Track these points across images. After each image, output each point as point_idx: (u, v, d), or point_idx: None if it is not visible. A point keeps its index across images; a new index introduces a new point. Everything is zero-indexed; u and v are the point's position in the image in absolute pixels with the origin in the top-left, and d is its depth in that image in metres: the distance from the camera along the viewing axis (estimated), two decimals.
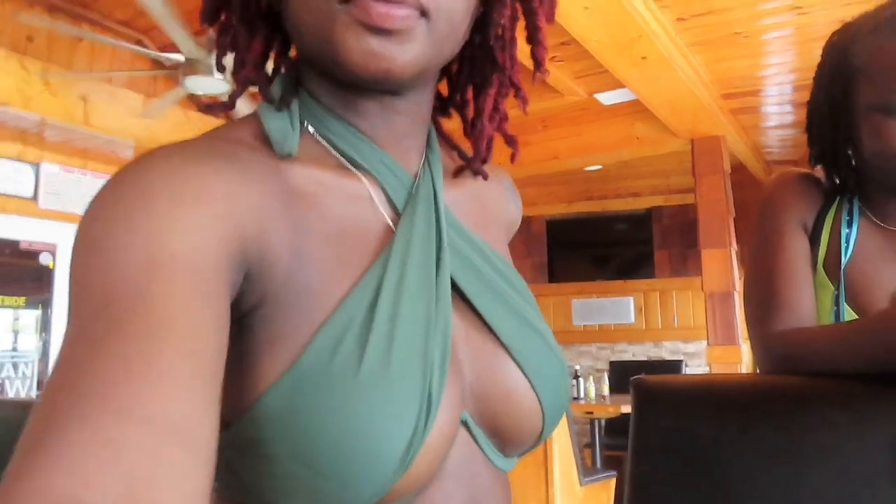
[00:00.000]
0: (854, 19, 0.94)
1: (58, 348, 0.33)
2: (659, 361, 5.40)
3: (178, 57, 2.85)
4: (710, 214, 3.93)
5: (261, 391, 0.40)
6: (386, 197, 0.48)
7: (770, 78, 3.55)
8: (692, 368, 5.27)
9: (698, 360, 5.28)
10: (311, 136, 0.49)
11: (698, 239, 3.96)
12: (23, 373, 3.50)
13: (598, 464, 4.23)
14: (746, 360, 3.74)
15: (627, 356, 5.61)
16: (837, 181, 0.98)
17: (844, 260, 0.92)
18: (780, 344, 0.85)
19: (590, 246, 6.06)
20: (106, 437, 0.28)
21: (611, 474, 3.29)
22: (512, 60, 0.54)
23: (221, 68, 0.52)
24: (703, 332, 4.01)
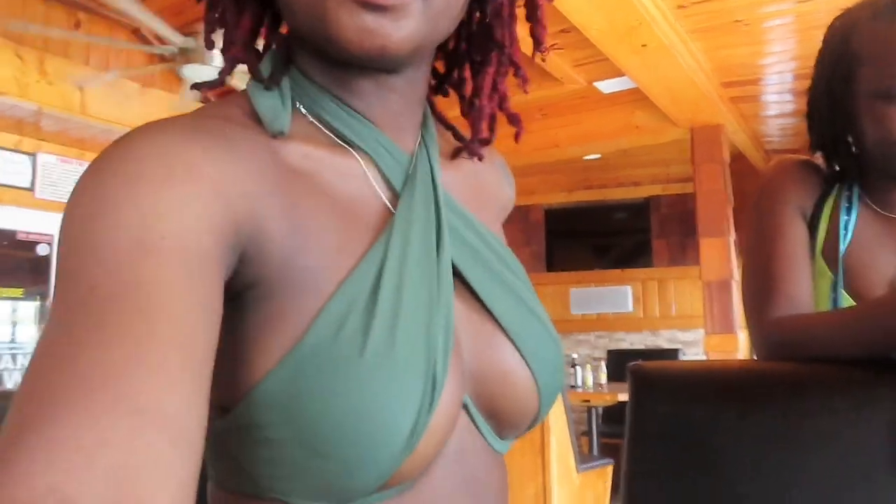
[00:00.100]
0: (854, 6, 0.93)
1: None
2: (657, 350, 5.41)
3: (172, 48, 2.83)
4: (709, 204, 3.93)
5: (260, 375, 0.39)
6: (381, 175, 0.47)
7: (770, 66, 3.54)
8: (690, 357, 5.27)
9: (696, 349, 5.29)
10: (303, 115, 0.47)
11: (697, 228, 3.96)
12: (21, 364, 3.49)
13: (595, 452, 4.24)
14: (744, 349, 3.74)
15: (625, 345, 5.62)
16: (837, 168, 0.98)
17: (843, 247, 0.92)
18: (778, 330, 0.85)
19: (588, 235, 6.05)
20: (94, 430, 0.27)
21: (608, 462, 3.30)
22: (511, 38, 0.52)
23: (210, 45, 0.51)
24: (701, 321, 4.01)
